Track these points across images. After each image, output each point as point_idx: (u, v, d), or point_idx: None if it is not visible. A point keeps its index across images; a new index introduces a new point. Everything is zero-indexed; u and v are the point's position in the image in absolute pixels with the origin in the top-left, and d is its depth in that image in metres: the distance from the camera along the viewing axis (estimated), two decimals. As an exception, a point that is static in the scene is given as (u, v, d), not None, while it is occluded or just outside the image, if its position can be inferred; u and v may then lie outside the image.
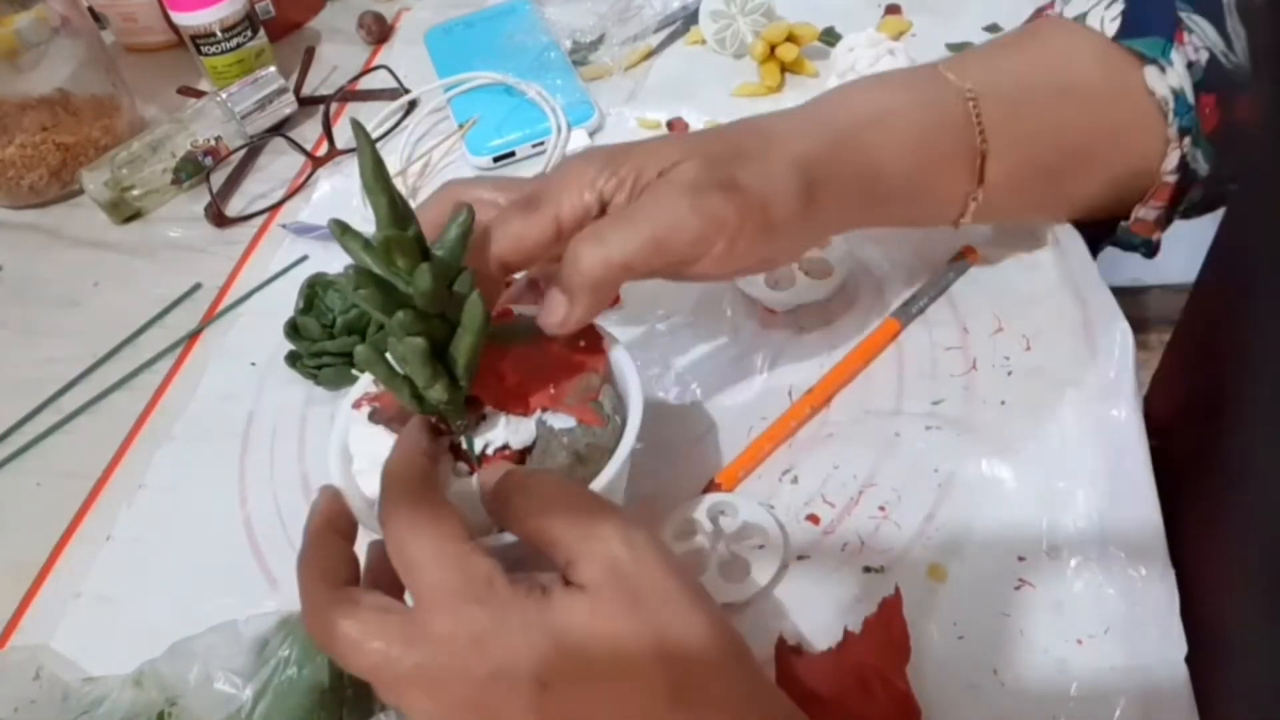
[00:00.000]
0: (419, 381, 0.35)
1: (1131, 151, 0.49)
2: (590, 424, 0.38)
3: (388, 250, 0.34)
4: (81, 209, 0.73)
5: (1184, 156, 0.48)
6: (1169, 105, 0.47)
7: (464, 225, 0.36)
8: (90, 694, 0.40)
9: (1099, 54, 0.48)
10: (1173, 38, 0.47)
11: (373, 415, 0.40)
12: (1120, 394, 0.46)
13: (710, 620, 0.32)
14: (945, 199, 0.48)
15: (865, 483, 0.46)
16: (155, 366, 0.60)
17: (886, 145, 0.44)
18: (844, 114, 0.45)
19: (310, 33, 0.88)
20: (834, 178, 0.43)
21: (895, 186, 0.45)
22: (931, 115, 0.46)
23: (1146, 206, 0.50)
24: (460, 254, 0.36)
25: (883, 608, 0.41)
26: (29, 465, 0.56)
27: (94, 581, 0.49)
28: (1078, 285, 0.51)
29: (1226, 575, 0.40)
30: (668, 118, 0.69)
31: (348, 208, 0.67)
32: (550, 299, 0.39)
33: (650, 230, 0.38)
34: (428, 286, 0.34)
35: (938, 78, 0.47)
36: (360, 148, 0.34)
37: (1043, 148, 0.48)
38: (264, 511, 0.51)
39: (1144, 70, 0.47)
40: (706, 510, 0.45)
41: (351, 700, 0.39)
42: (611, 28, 0.75)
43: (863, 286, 0.55)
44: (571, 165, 0.41)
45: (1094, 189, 0.50)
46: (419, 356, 0.34)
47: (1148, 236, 0.52)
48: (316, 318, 0.54)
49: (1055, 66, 0.48)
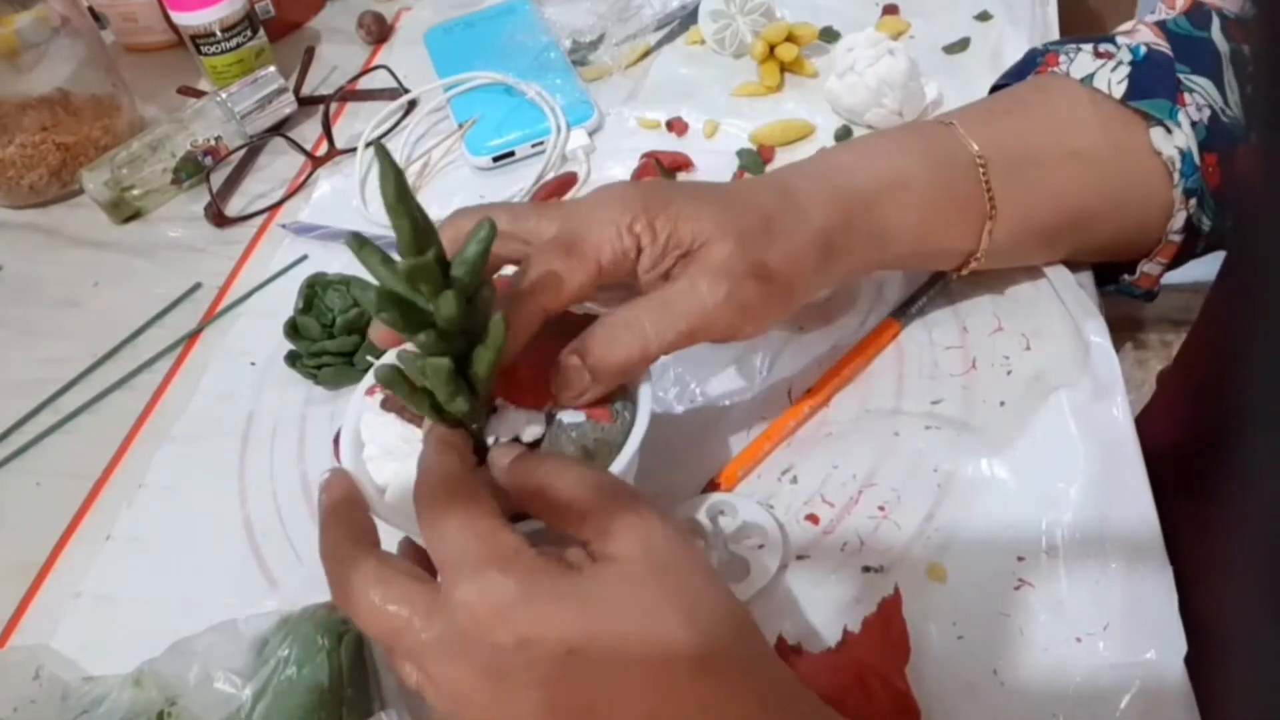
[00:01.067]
0: (441, 397, 0.36)
1: (1133, 213, 0.49)
2: (599, 420, 0.39)
3: (412, 278, 0.34)
4: (81, 209, 0.73)
5: (1190, 217, 0.48)
6: (1175, 166, 0.47)
7: (484, 242, 0.36)
8: (90, 693, 0.40)
9: (1105, 117, 0.48)
10: (1176, 100, 0.47)
11: (385, 403, 0.41)
12: (1115, 393, 0.46)
13: (730, 596, 0.34)
14: (949, 257, 0.49)
15: (865, 482, 0.46)
16: (155, 366, 0.60)
17: (901, 214, 0.45)
18: (864, 178, 0.45)
19: (310, 33, 0.88)
20: (849, 247, 0.44)
21: (905, 250, 0.46)
22: (944, 182, 0.46)
23: (1151, 262, 0.51)
24: (480, 270, 0.36)
25: (882, 608, 0.41)
26: (29, 465, 0.56)
27: (94, 581, 0.49)
28: (1055, 286, 0.52)
29: (1224, 574, 0.40)
30: (667, 117, 0.69)
31: (347, 208, 0.67)
32: (573, 375, 0.39)
33: (687, 324, 0.39)
34: (453, 314, 0.34)
35: (952, 141, 0.47)
36: (382, 171, 0.34)
37: (1047, 211, 0.48)
38: (264, 511, 0.51)
39: (1150, 131, 0.47)
40: (706, 510, 0.45)
41: (351, 700, 0.39)
42: (611, 27, 0.75)
43: (863, 286, 0.55)
44: (607, 206, 0.40)
45: (1094, 247, 0.51)
46: (443, 377, 0.34)
47: (1149, 288, 0.53)
48: (316, 317, 0.54)
49: (1062, 130, 0.49)
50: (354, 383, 0.54)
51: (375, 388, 0.42)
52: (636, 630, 0.31)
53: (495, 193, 0.67)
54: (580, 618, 0.31)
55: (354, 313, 0.54)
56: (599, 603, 0.31)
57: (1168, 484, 0.44)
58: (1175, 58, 0.48)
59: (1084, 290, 0.51)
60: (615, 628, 0.31)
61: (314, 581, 0.46)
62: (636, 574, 0.32)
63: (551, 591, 0.31)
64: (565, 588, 0.31)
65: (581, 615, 0.31)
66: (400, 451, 0.39)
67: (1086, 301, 0.50)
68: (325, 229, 0.66)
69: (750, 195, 0.43)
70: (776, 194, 0.43)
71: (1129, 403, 0.46)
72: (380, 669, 0.41)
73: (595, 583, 0.32)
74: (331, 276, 0.56)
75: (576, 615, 0.31)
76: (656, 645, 0.31)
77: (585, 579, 0.32)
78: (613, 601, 0.31)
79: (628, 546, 0.32)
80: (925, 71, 0.64)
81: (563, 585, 0.31)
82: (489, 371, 0.36)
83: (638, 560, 0.32)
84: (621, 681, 0.31)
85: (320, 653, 0.39)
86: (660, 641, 0.31)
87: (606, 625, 0.31)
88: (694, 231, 0.40)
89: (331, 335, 0.54)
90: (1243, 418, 0.23)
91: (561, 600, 0.31)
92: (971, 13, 0.72)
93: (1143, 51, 0.49)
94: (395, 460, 0.39)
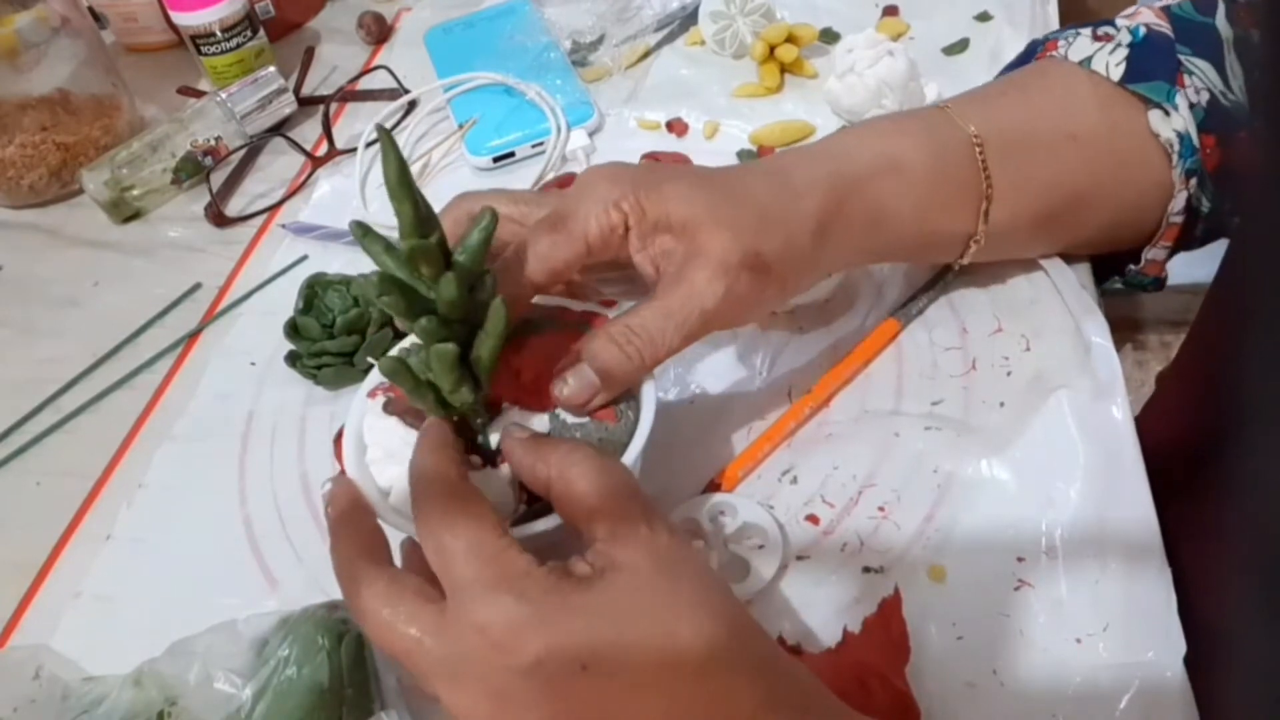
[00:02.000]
0: (445, 386, 0.36)
1: (1131, 195, 0.49)
2: (604, 420, 0.39)
3: (413, 259, 0.34)
4: (81, 209, 0.73)
5: (1190, 198, 0.48)
6: (1174, 148, 0.47)
7: (486, 230, 0.36)
8: (90, 693, 0.40)
9: (1103, 99, 0.48)
10: (1175, 82, 0.47)
11: (387, 406, 0.41)
12: (1115, 393, 0.46)
13: (734, 598, 0.34)
14: (948, 242, 0.49)
15: (865, 483, 0.46)
16: (155, 366, 0.60)
17: (897, 195, 0.45)
18: (860, 159, 0.45)
19: (310, 33, 0.88)
20: (844, 230, 0.44)
21: (902, 233, 0.46)
22: (940, 163, 0.46)
23: (1155, 247, 0.51)
24: (482, 258, 0.37)
25: (882, 608, 0.41)
26: (29, 465, 0.56)
27: (94, 581, 0.49)
28: (1056, 285, 0.52)
29: (1224, 574, 0.40)
30: (667, 118, 0.69)
31: (347, 208, 0.67)
32: (581, 378, 0.39)
33: (689, 328, 0.40)
34: (453, 295, 0.34)
35: (948, 123, 0.47)
36: (385, 154, 0.34)
37: (1045, 193, 0.48)
38: (264, 511, 0.51)
39: (1149, 114, 0.47)
40: (706, 510, 0.45)
41: (351, 700, 0.39)
42: (611, 28, 0.75)
43: (863, 286, 0.55)
44: (596, 183, 0.41)
45: (1093, 230, 0.51)
46: (448, 362, 0.34)
47: (1156, 275, 0.53)
48: (316, 317, 0.54)
49: (1059, 112, 0.49)
50: (354, 383, 0.54)
51: (377, 390, 0.42)
52: (647, 639, 0.31)
53: (495, 193, 0.67)
54: (593, 634, 0.31)
55: (354, 313, 0.54)
56: (610, 617, 0.31)
57: (1168, 484, 0.44)
58: (1176, 39, 0.48)
59: (1085, 290, 0.51)
60: (627, 639, 0.31)
61: (314, 581, 0.47)
62: (645, 583, 0.32)
63: (563, 611, 0.31)
64: (577, 605, 0.31)
65: (594, 631, 0.31)
66: (403, 454, 0.39)
67: (1087, 301, 0.50)
68: (325, 229, 0.66)
69: (745, 182, 0.43)
70: (772, 179, 0.43)
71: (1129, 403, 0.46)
72: (380, 669, 0.41)
73: (605, 595, 0.32)
74: (331, 276, 0.56)
75: (589, 632, 0.31)
76: (668, 652, 0.31)
77: (595, 593, 0.32)
78: (623, 614, 0.31)
79: (635, 555, 0.32)
80: (925, 72, 0.64)
81: (574, 603, 0.31)
82: (492, 358, 0.36)
83: (645, 569, 0.32)
84: (634, 690, 0.31)
85: (320, 653, 0.39)
86: (671, 648, 0.31)
87: (618, 638, 0.31)
88: (685, 215, 0.40)
89: (331, 335, 0.54)
90: (1242, 417, 0.23)
91: (574, 619, 0.31)
92: (971, 13, 0.72)
93: (1142, 33, 0.49)
94: (398, 463, 0.39)
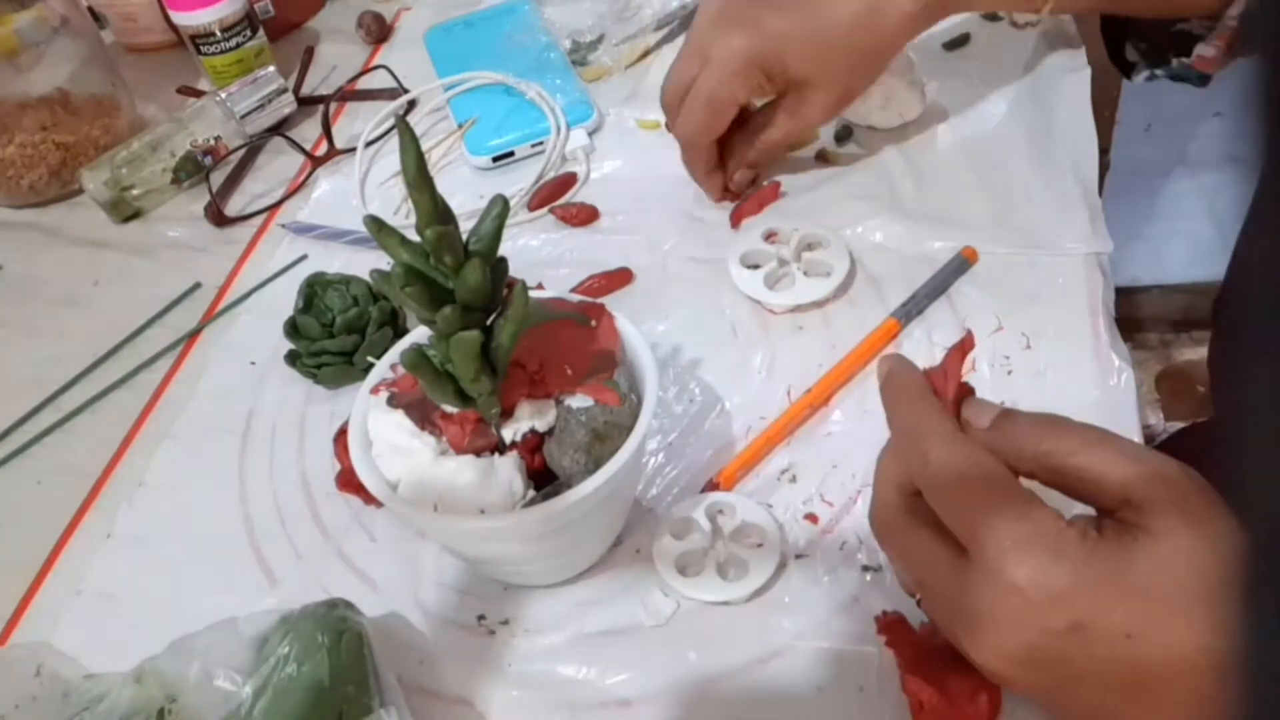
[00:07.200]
0: (465, 376, 0.36)
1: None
2: (608, 403, 0.39)
3: (438, 247, 0.35)
4: (81, 208, 0.73)
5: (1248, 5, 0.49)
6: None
7: (499, 218, 0.36)
8: (91, 691, 0.40)
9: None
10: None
11: (391, 400, 0.41)
12: (1116, 393, 0.46)
13: None
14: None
15: (864, 482, 0.46)
16: (155, 365, 0.60)
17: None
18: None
19: (310, 32, 0.88)
20: None
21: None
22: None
23: (1209, 45, 0.52)
24: (496, 246, 0.37)
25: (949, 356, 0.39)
26: (30, 463, 0.56)
27: (94, 579, 0.50)
28: (1058, 284, 0.51)
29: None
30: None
31: (347, 208, 0.68)
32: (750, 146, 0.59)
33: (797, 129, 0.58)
34: (478, 281, 0.34)
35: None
36: (403, 146, 0.34)
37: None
38: (264, 509, 0.51)
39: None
40: (705, 510, 0.45)
41: (351, 697, 0.39)
42: (611, 28, 0.75)
43: (863, 286, 0.55)
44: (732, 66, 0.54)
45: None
46: (471, 351, 0.35)
47: (1205, 71, 0.54)
48: (316, 317, 0.54)
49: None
50: (354, 382, 0.54)
51: (379, 386, 0.42)
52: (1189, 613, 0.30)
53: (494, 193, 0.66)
54: (1137, 603, 0.30)
55: (353, 312, 0.54)
56: (1153, 588, 0.30)
57: None
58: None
59: (1087, 288, 0.51)
60: (1170, 611, 0.30)
61: (314, 579, 0.47)
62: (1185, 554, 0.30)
63: (1107, 577, 0.30)
64: (1119, 571, 0.30)
65: (1139, 600, 0.30)
66: (408, 448, 0.39)
67: (1089, 299, 0.50)
68: (325, 229, 0.66)
69: (845, 32, 0.53)
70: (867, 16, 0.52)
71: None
72: (379, 666, 0.41)
73: (1148, 564, 0.30)
74: (331, 276, 0.56)
75: (1134, 600, 0.30)
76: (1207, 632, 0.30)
77: (1139, 560, 0.30)
78: (1167, 585, 0.30)
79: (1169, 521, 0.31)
80: (925, 70, 0.64)
81: (1116, 569, 0.30)
82: (512, 342, 0.36)
83: (1182, 534, 0.30)
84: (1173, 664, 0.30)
85: (320, 650, 0.39)
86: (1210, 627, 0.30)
87: (1163, 610, 0.30)
88: (803, 75, 0.54)
89: (331, 335, 0.54)
90: (1242, 417, 0.23)
91: (1116, 585, 0.30)
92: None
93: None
94: (403, 456, 0.39)
